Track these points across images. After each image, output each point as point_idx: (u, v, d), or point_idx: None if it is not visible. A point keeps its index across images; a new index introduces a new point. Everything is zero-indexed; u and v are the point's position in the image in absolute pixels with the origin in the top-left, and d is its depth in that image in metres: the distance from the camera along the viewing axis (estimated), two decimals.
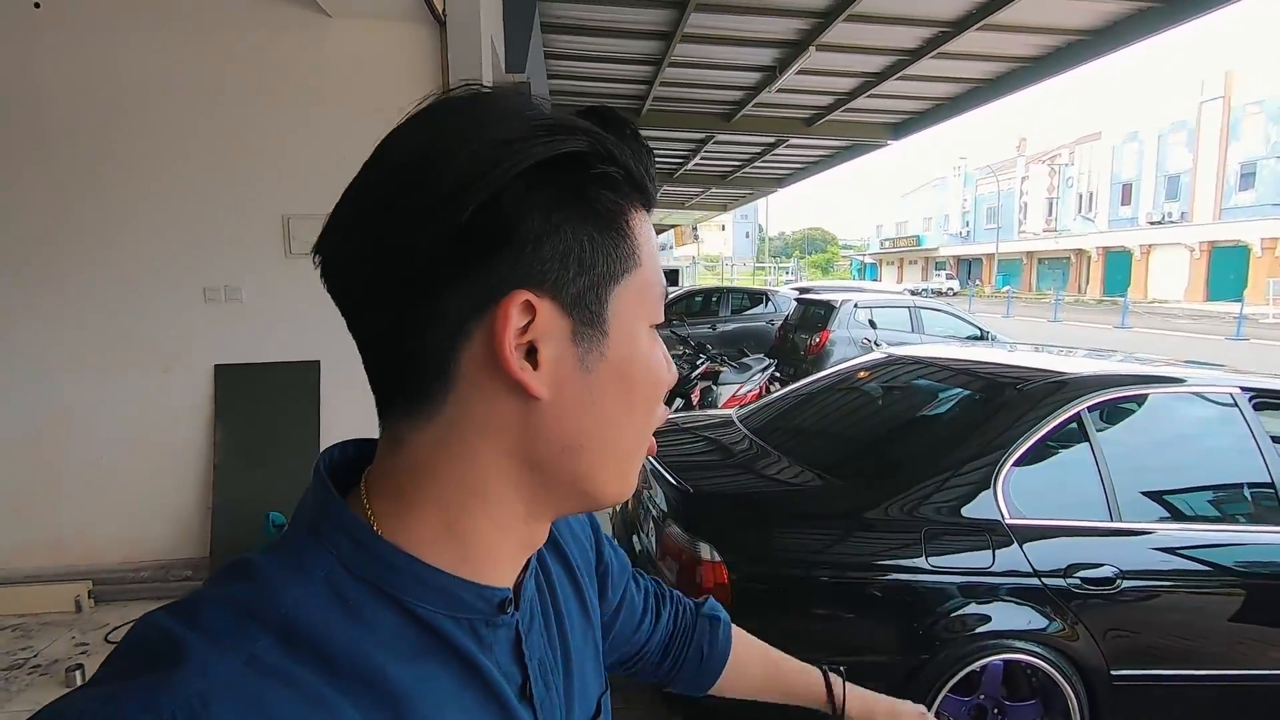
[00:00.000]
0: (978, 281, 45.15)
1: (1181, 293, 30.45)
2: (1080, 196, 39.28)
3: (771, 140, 9.86)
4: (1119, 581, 2.06)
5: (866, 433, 2.64)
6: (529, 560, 0.46)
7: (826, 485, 2.25)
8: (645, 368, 0.42)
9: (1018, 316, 24.57)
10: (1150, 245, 32.77)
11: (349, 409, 3.41)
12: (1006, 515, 2.08)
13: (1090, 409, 2.23)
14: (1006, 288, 38.34)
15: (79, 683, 2.45)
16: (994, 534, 2.05)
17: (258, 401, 3.46)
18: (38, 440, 3.39)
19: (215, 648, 0.32)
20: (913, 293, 29.30)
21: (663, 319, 0.43)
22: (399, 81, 3.34)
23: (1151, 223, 33.44)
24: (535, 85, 5.28)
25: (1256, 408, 2.32)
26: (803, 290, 11.94)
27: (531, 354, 0.38)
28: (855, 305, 8.21)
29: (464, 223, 0.35)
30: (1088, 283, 37.03)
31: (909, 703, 0.79)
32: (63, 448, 3.40)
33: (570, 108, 0.40)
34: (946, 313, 8.78)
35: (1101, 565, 2.06)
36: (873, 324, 7.70)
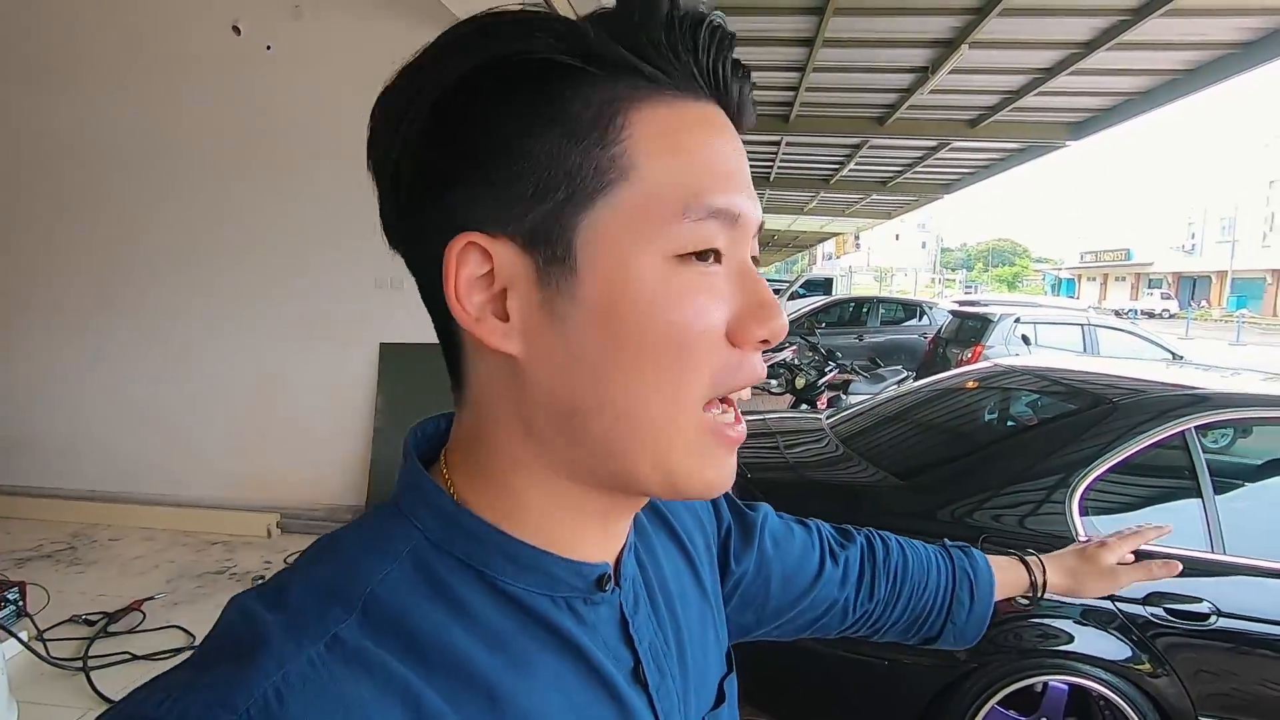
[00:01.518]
0: (1203, 303, 38.85)
1: None
2: None
3: (933, 144, 9.35)
4: (1214, 619, 1.87)
5: (946, 440, 2.58)
6: (627, 537, 0.42)
7: (888, 486, 2.26)
8: (645, 311, 0.32)
9: (1249, 344, 20.84)
10: None
11: None
12: (1080, 531, 1.97)
13: (1199, 428, 2.03)
14: (1241, 310, 32.58)
15: None
16: None
17: (413, 375, 4.04)
18: (254, 395, 4.23)
19: (295, 633, 0.30)
20: (1117, 313, 25.82)
21: (693, 247, 0.33)
22: None
23: None
24: None
25: None
26: (962, 303, 11.13)
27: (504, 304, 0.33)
28: (1016, 320, 7.57)
29: (421, 149, 0.32)
30: None
31: (1079, 546, 0.77)
32: (271, 402, 4.21)
33: None
34: (1130, 333, 7.81)
35: (1193, 598, 1.89)
36: (1025, 340, 7.04)
